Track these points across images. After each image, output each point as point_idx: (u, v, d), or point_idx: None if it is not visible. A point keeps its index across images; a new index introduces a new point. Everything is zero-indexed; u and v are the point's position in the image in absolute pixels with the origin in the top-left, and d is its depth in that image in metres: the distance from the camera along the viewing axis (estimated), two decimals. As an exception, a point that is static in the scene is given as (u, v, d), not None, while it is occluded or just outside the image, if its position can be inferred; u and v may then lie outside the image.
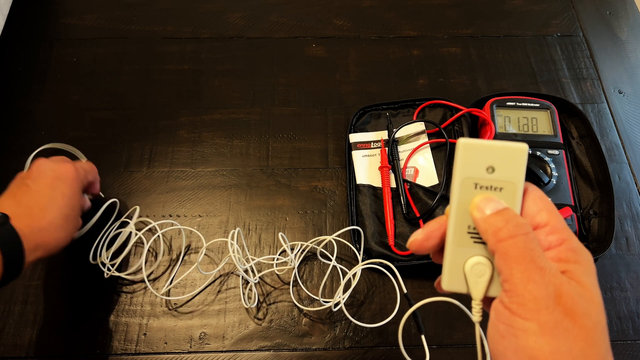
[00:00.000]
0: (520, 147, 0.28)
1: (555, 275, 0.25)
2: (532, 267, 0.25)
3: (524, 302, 0.25)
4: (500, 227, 0.27)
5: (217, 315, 0.54)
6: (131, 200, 0.60)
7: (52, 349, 0.51)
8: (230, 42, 0.74)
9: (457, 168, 0.28)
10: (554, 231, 0.27)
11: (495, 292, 0.29)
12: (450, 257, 0.29)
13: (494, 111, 0.62)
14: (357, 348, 0.52)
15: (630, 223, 0.60)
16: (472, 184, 0.28)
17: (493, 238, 0.27)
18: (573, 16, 0.78)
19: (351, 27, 0.76)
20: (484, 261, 0.29)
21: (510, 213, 0.27)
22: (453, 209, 0.29)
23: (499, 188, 0.28)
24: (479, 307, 0.29)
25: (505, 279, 0.26)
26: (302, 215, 0.60)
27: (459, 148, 0.28)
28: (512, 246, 0.26)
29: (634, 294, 0.56)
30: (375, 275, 0.56)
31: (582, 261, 0.27)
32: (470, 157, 0.28)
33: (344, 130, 0.66)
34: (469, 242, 0.29)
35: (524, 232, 0.26)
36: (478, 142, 0.28)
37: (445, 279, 0.30)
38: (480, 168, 0.28)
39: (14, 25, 0.74)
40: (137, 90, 0.69)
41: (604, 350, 0.25)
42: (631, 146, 0.66)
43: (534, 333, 0.24)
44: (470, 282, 0.29)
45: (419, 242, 0.30)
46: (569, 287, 0.25)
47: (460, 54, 0.73)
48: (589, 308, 0.25)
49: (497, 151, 0.28)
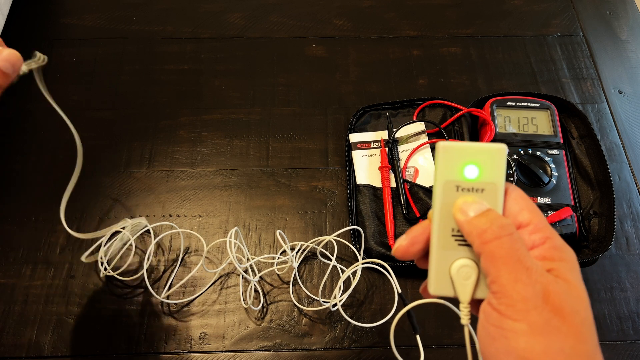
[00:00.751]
0: (498, 148, 0.28)
1: (542, 274, 0.25)
2: (518, 268, 0.25)
3: (513, 302, 0.25)
4: (485, 229, 0.27)
5: (217, 315, 0.54)
6: (131, 200, 0.60)
7: (52, 349, 0.51)
8: (230, 42, 0.74)
9: (438, 172, 0.29)
10: (536, 230, 0.27)
11: (482, 294, 0.29)
12: (435, 261, 0.29)
13: (494, 111, 0.62)
14: (356, 348, 0.52)
15: (630, 223, 0.60)
16: (453, 186, 0.28)
17: (478, 240, 0.27)
18: (573, 16, 0.78)
19: (351, 27, 0.76)
20: (469, 263, 0.28)
21: (493, 214, 0.27)
22: (436, 213, 0.29)
23: (480, 189, 0.28)
24: (467, 310, 0.29)
25: (492, 281, 0.26)
26: (302, 215, 0.60)
27: (439, 151, 0.28)
28: (498, 247, 0.26)
29: (634, 294, 0.56)
30: (375, 275, 0.56)
31: (566, 258, 0.27)
32: (450, 160, 0.28)
33: (344, 130, 0.66)
34: (454, 245, 0.29)
35: (508, 233, 0.26)
36: (457, 145, 0.28)
37: (432, 283, 0.29)
38: (461, 170, 0.28)
39: (14, 25, 0.74)
40: (137, 90, 0.69)
41: (593, 346, 0.25)
42: (631, 146, 0.66)
43: (525, 334, 0.24)
44: (457, 285, 0.29)
45: (403, 248, 0.30)
46: (556, 286, 0.25)
47: (460, 54, 0.73)
48: (576, 305, 0.25)
49: (476, 153, 0.28)
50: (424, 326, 0.53)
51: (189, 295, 0.54)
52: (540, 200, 0.57)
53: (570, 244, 0.60)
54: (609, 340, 0.53)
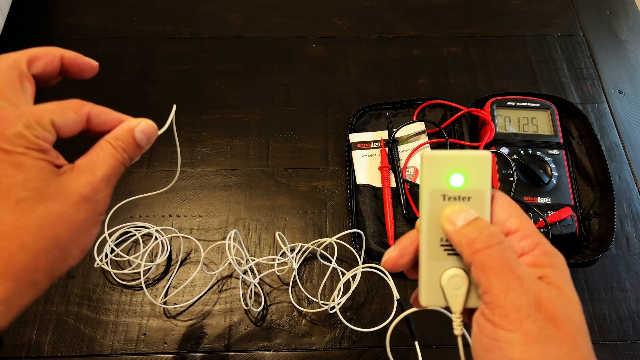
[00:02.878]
0: (483, 155, 0.28)
1: (533, 282, 0.25)
2: (510, 277, 0.25)
3: (506, 312, 0.25)
4: (474, 238, 0.26)
5: (217, 315, 0.54)
6: (131, 200, 0.60)
7: (52, 349, 0.51)
8: (230, 42, 0.74)
9: (424, 181, 0.28)
10: (525, 236, 0.27)
11: (474, 303, 0.28)
12: (425, 272, 0.29)
13: (494, 111, 0.62)
14: (356, 348, 0.52)
15: (630, 223, 0.60)
16: (440, 195, 0.28)
17: (468, 250, 0.26)
18: (573, 16, 0.78)
19: (351, 27, 0.76)
20: (460, 273, 0.28)
21: (482, 223, 0.27)
22: (424, 223, 0.28)
23: (467, 197, 0.28)
24: (460, 320, 0.29)
25: (484, 291, 0.26)
26: (302, 215, 0.60)
27: (423, 161, 0.28)
28: (488, 257, 0.26)
29: (634, 294, 0.56)
30: (375, 277, 0.56)
31: (556, 264, 0.27)
32: (436, 169, 0.28)
33: (344, 130, 0.66)
34: (443, 254, 0.28)
35: (498, 242, 0.26)
36: (442, 154, 0.28)
37: (423, 294, 0.29)
38: (447, 179, 0.28)
39: (14, 25, 0.74)
40: (137, 90, 0.69)
41: (588, 352, 0.25)
42: (631, 146, 0.66)
43: (520, 344, 0.24)
44: (448, 295, 0.28)
45: (393, 260, 0.29)
46: (548, 293, 0.25)
47: (460, 54, 0.73)
48: (569, 312, 0.25)
49: (461, 161, 0.28)
50: (423, 326, 0.53)
51: (188, 295, 0.54)
52: (540, 200, 0.56)
53: (570, 244, 0.60)
54: (609, 340, 0.53)
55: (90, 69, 0.33)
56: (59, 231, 0.25)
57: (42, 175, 0.25)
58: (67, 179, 0.26)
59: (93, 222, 0.27)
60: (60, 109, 0.27)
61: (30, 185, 0.24)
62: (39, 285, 0.25)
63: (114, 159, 0.28)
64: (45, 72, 0.30)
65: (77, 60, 0.31)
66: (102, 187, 0.27)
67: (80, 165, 0.27)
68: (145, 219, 0.59)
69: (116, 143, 0.29)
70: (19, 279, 0.24)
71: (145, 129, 0.32)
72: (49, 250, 0.25)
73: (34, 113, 0.26)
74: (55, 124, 0.26)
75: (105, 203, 0.28)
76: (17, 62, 0.28)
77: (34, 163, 0.25)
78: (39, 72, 0.29)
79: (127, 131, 0.30)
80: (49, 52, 0.30)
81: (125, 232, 0.57)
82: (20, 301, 0.24)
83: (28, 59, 0.29)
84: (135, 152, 0.31)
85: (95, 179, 0.27)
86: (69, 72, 0.32)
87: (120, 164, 0.29)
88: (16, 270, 0.24)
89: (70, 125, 0.27)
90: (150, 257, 0.56)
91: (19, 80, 0.28)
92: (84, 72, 0.32)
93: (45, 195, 0.25)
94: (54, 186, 0.25)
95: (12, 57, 0.28)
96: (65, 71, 0.31)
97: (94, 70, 0.33)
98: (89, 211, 0.26)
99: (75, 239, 0.26)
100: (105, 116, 0.29)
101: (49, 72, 0.30)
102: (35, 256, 0.24)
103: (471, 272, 0.27)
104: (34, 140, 0.25)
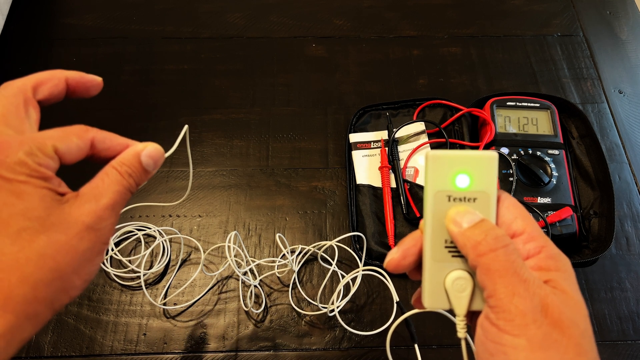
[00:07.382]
0: (489, 155, 0.27)
1: (539, 287, 0.25)
2: (515, 281, 0.25)
3: (511, 317, 0.24)
4: (479, 241, 0.26)
5: (217, 315, 0.54)
6: (131, 200, 0.60)
7: (51, 349, 0.51)
8: (230, 42, 0.74)
9: (428, 182, 0.28)
10: (531, 239, 0.27)
11: (478, 305, 0.28)
12: (429, 273, 0.28)
13: (494, 111, 0.62)
14: (356, 348, 0.52)
15: (630, 223, 0.60)
16: (445, 196, 0.28)
17: (473, 252, 0.26)
18: (573, 16, 0.78)
19: (351, 27, 0.76)
20: (464, 275, 0.28)
21: (487, 225, 0.27)
22: (428, 224, 0.28)
23: (472, 199, 0.28)
24: (464, 323, 0.28)
25: (489, 295, 0.25)
26: (302, 216, 0.60)
27: (428, 161, 0.28)
28: (494, 260, 0.25)
29: (634, 294, 0.56)
30: (376, 279, 0.56)
31: (562, 268, 0.26)
32: (441, 170, 0.28)
33: (344, 130, 0.66)
34: (447, 256, 0.28)
35: (503, 245, 0.26)
36: (447, 154, 0.28)
37: (426, 296, 0.29)
38: (452, 180, 0.28)
39: (14, 25, 0.74)
40: (137, 90, 0.69)
41: (593, 357, 0.25)
42: (631, 146, 0.66)
43: (524, 349, 0.24)
44: (452, 298, 0.28)
45: (396, 261, 0.29)
46: (554, 298, 0.25)
47: (460, 53, 0.73)
48: (575, 317, 0.25)
49: (467, 161, 0.27)
50: (424, 326, 0.53)
51: (188, 296, 0.54)
52: (540, 200, 0.56)
53: (570, 244, 0.60)
54: (609, 340, 0.53)
55: (96, 85, 0.32)
56: (61, 262, 0.24)
57: (44, 204, 0.24)
58: (70, 208, 0.25)
59: (97, 251, 0.26)
60: (63, 135, 0.26)
61: (31, 214, 0.24)
62: (39, 317, 0.24)
63: (119, 185, 0.27)
64: (52, 97, 0.29)
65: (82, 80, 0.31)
66: (106, 215, 0.26)
67: (84, 193, 0.26)
68: (145, 219, 0.59)
69: (122, 169, 0.28)
70: (18, 311, 0.23)
71: (152, 153, 0.30)
72: (49, 281, 0.24)
73: (37, 140, 0.25)
74: (58, 151, 0.26)
75: (110, 232, 0.27)
76: (22, 88, 0.28)
77: (36, 191, 0.24)
78: (45, 97, 0.29)
79: (134, 156, 0.29)
80: (54, 76, 0.29)
81: (125, 232, 0.57)
82: (20, 335, 0.24)
83: (33, 85, 0.28)
84: (142, 177, 0.29)
85: (99, 207, 0.26)
86: (75, 93, 0.31)
87: (127, 190, 0.28)
88: (16, 302, 0.23)
89: (74, 152, 0.27)
90: (150, 257, 0.56)
91: (24, 107, 0.27)
92: (90, 90, 0.31)
93: (46, 225, 0.24)
94: (56, 215, 0.25)
95: (17, 84, 0.28)
96: (71, 93, 0.31)
97: (99, 86, 0.32)
98: (92, 240, 0.26)
99: (78, 270, 0.25)
100: (110, 141, 0.28)
101: (55, 95, 0.29)
102: (36, 288, 0.24)
103: (476, 275, 0.26)
104: (35, 168, 0.24)
